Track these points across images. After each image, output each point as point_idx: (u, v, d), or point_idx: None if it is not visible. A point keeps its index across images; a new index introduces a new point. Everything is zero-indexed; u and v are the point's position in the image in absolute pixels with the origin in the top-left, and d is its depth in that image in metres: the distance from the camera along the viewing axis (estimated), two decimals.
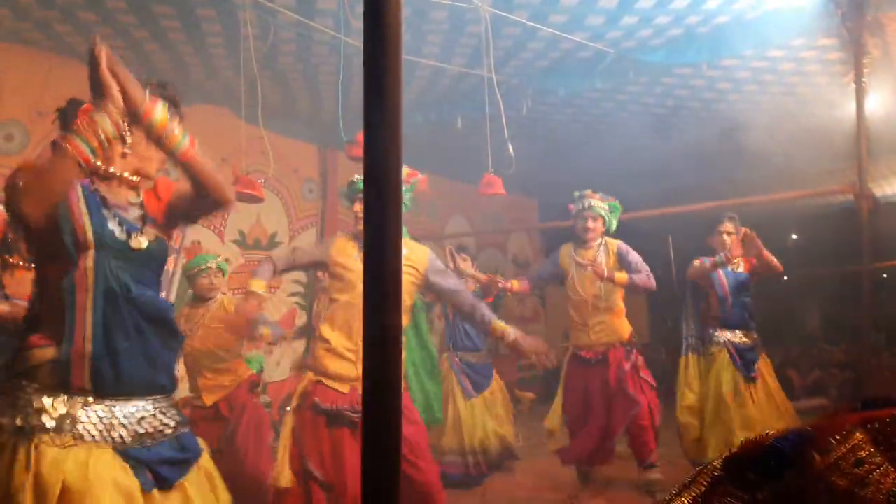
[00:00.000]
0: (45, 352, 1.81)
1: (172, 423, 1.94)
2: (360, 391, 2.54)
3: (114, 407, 1.84)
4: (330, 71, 5.25)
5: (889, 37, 4.52)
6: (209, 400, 4.09)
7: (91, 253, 1.85)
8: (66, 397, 1.79)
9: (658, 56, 4.79)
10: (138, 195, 2.04)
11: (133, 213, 1.99)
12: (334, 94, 5.48)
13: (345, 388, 3.23)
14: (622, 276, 4.76)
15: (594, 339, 4.84)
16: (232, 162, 5.14)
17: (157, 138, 1.84)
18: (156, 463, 1.86)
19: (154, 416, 1.91)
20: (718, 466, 0.71)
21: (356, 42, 4.29)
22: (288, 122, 6.38)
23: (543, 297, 9.83)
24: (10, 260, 3.12)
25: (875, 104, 5.01)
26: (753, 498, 0.67)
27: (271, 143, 4.39)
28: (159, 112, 1.81)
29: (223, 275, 4.29)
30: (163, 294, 2.17)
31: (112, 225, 1.91)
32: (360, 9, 0.86)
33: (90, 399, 1.82)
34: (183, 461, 1.94)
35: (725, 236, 4.83)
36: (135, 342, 1.88)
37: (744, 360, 4.69)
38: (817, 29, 4.32)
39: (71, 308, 1.81)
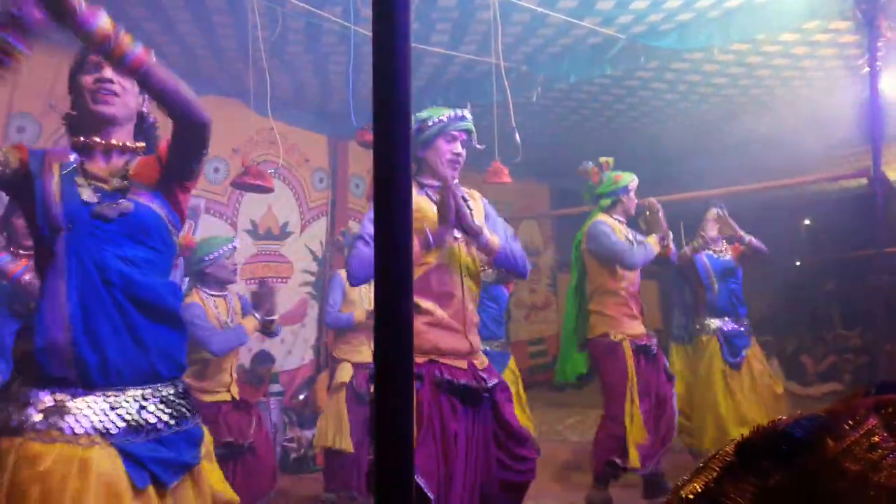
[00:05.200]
0: (29, 343, 1.70)
1: (176, 415, 1.81)
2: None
3: (105, 398, 1.71)
4: (339, 60, 5.24)
5: None
6: None
7: (63, 235, 1.74)
8: (52, 389, 1.69)
9: (669, 41, 4.75)
10: (127, 164, 1.90)
11: (114, 183, 1.84)
12: (344, 84, 5.48)
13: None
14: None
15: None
16: (242, 152, 5.15)
17: (100, 49, 1.59)
18: (151, 460, 1.72)
19: (155, 406, 1.78)
20: (731, 452, 0.71)
21: (365, 30, 4.27)
22: (298, 112, 6.38)
23: (556, 284, 9.81)
24: (12, 249, 3.16)
25: (889, 87, 4.94)
26: (766, 483, 0.67)
27: (281, 134, 4.38)
28: (100, 20, 1.54)
29: None
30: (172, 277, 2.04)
31: (86, 195, 1.79)
32: None
33: (78, 390, 1.70)
34: (180, 464, 1.79)
35: (713, 223, 4.85)
36: (120, 327, 1.74)
37: (731, 345, 4.68)
38: (830, 12, 4.26)
39: (44, 295, 1.72)
